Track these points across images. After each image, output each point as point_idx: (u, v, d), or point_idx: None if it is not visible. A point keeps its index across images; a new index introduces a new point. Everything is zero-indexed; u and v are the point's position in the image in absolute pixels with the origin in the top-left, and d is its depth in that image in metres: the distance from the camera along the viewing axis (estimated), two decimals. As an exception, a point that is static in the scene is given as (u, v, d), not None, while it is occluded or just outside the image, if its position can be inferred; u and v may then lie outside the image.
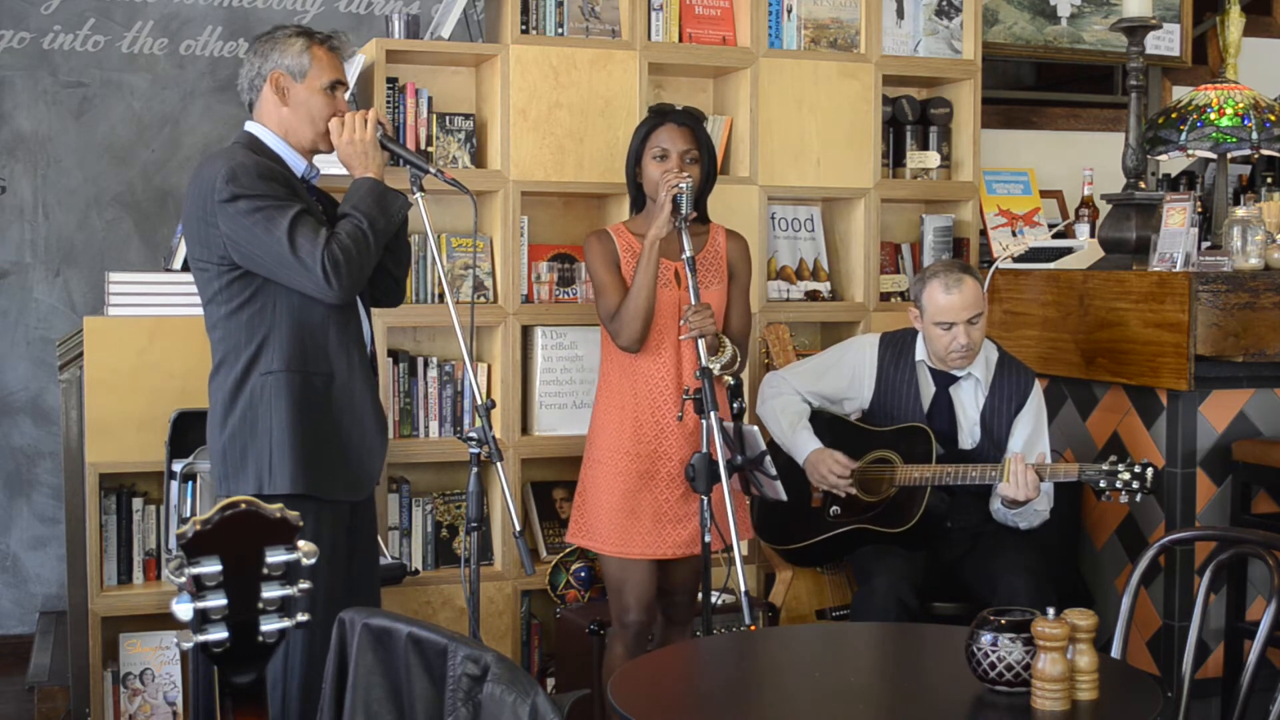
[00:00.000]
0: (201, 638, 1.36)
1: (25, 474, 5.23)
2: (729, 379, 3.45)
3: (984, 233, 4.69)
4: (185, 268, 3.73)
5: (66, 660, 3.90)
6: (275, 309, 2.95)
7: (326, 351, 2.99)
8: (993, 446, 3.66)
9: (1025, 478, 3.41)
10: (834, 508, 3.73)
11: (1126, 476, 3.35)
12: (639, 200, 3.55)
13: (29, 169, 5.19)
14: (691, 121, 3.50)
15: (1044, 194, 4.96)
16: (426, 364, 3.99)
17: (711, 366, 3.33)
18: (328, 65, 3.06)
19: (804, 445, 3.70)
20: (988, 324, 3.70)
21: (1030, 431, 3.66)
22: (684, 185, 3.32)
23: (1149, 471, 3.34)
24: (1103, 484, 3.38)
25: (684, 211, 3.30)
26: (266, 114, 3.05)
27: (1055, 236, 4.66)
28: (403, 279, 3.25)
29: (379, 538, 3.35)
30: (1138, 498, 3.37)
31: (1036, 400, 3.69)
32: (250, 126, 3.06)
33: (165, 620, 3.65)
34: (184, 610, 1.35)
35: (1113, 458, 3.40)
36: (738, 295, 3.57)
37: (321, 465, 2.97)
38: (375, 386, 3.13)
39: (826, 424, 3.78)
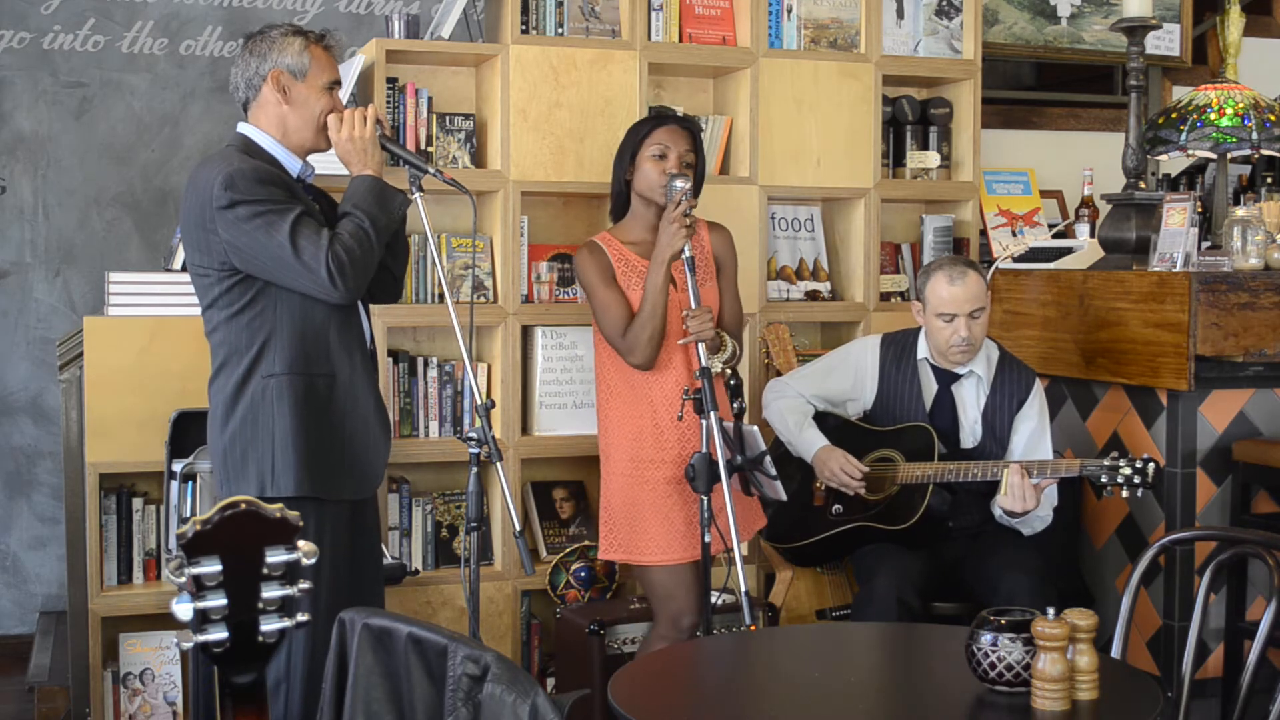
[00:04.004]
0: (201, 638, 1.36)
1: (25, 474, 5.23)
2: (729, 372, 3.44)
3: (984, 233, 4.69)
4: (185, 268, 3.73)
5: (66, 660, 3.90)
6: (276, 312, 2.94)
7: (328, 352, 2.99)
8: (995, 444, 3.66)
9: (1022, 490, 3.41)
10: (836, 506, 3.73)
11: (1128, 471, 3.35)
12: (621, 205, 3.54)
13: (29, 169, 5.19)
14: (692, 126, 3.51)
15: (1044, 194, 4.96)
16: (426, 364, 3.99)
17: (714, 365, 3.33)
18: (326, 65, 3.06)
19: (811, 442, 3.71)
20: (989, 324, 3.70)
21: (1033, 429, 3.66)
22: (680, 184, 3.33)
23: (1150, 467, 3.33)
24: (1104, 479, 3.38)
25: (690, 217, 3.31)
26: (264, 114, 3.04)
27: (1055, 236, 4.66)
28: (401, 275, 3.25)
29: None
30: (1139, 493, 3.37)
31: (1038, 398, 3.70)
32: (243, 128, 3.05)
33: (165, 620, 3.65)
34: (184, 610, 1.35)
35: (1114, 453, 3.40)
36: (727, 287, 3.57)
37: (325, 467, 2.96)
38: (377, 385, 3.13)
39: (830, 425, 3.78)
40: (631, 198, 3.53)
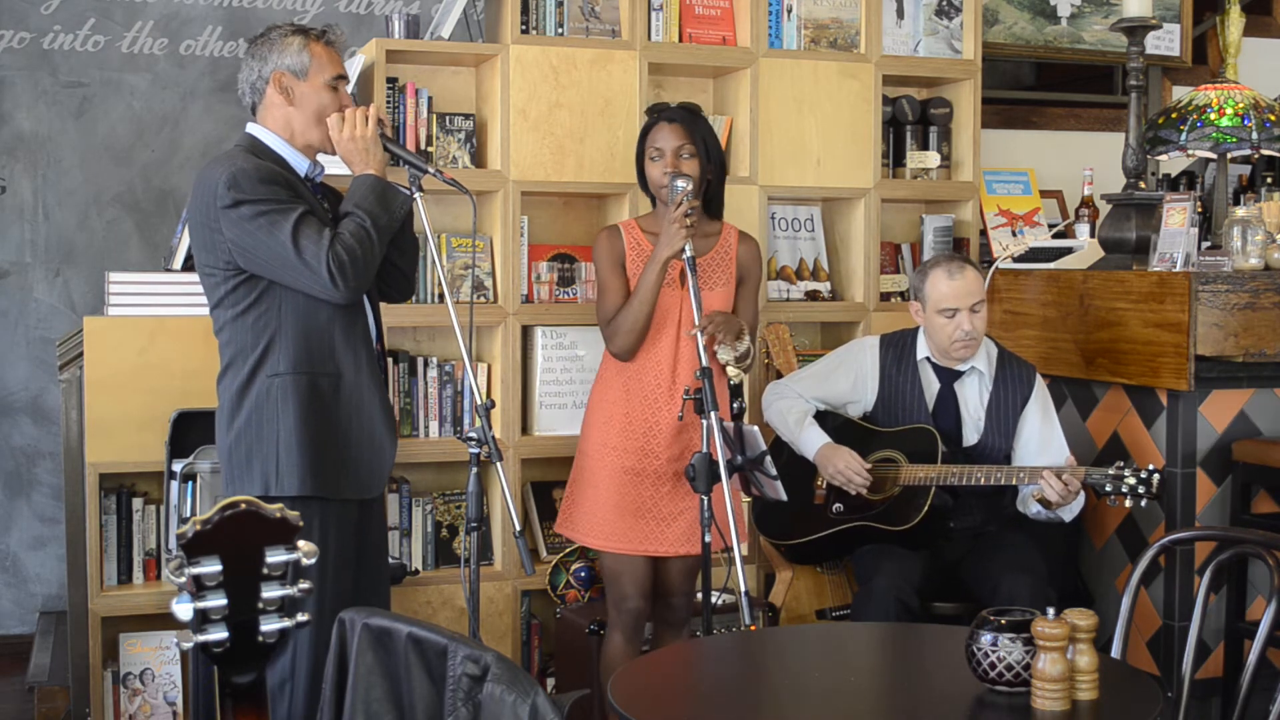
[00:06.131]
0: (201, 638, 1.36)
1: (25, 474, 5.23)
2: (740, 374, 3.42)
3: (984, 233, 4.69)
4: (185, 268, 3.74)
5: (66, 660, 3.89)
6: (280, 311, 2.95)
7: (333, 352, 2.99)
8: (999, 441, 3.66)
9: (1062, 489, 3.41)
10: (836, 504, 3.73)
11: (1132, 481, 3.35)
12: (654, 198, 3.57)
13: (29, 169, 5.19)
14: (682, 116, 3.48)
15: (1044, 194, 4.96)
16: (426, 364, 3.99)
17: (730, 355, 3.33)
18: (327, 61, 3.06)
19: (813, 441, 3.71)
20: (987, 324, 3.70)
21: (1041, 424, 3.66)
22: (681, 184, 3.32)
23: (1155, 477, 3.33)
24: (1109, 488, 3.38)
25: (692, 215, 3.31)
26: (271, 115, 3.05)
27: (1055, 236, 4.66)
28: (411, 272, 3.26)
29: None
30: (1143, 503, 3.38)
31: (1042, 392, 3.70)
32: (252, 128, 3.07)
33: (165, 620, 3.65)
34: (184, 610, 1.35)
35: (1119, 463, 3.40)
36: (746, 298, 3.58)
37: (330, 466, 2.97)
38: (384, 384, 3.13)
39: (831, 425, 3.78)
40: None
